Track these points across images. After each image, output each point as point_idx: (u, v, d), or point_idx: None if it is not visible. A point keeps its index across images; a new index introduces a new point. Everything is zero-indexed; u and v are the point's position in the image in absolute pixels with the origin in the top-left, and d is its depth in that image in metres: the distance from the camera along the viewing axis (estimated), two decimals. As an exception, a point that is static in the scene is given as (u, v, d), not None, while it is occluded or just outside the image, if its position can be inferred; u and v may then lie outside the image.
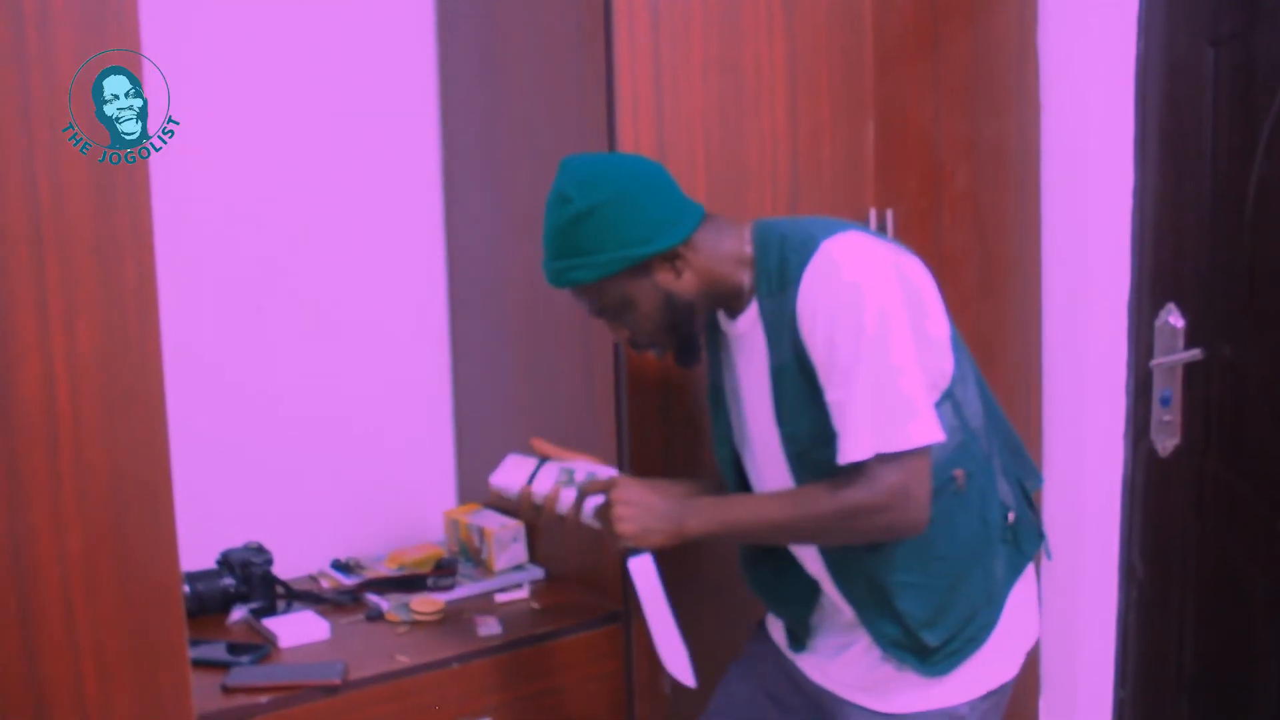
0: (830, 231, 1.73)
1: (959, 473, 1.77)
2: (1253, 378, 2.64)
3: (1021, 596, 1.88)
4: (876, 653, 1.83)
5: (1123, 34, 2.61)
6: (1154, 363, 2.69)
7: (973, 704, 1.83)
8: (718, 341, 1.90)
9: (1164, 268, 2.68)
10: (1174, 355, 2.67)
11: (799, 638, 1.95)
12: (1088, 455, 2.72)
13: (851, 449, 1.68)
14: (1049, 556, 1.97)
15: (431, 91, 2.58)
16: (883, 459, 1.67)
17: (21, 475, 1.62)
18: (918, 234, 2.47)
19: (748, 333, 1.81)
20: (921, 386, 1.70)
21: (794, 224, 1.81)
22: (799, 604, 1.93)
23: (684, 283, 1.79)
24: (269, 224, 2.42)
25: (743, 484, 1.92)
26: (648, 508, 1.79)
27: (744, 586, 2.00)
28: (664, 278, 1.78)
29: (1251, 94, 2.56)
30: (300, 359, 2.48)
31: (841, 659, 1.88)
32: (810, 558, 1.87)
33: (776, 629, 2.01)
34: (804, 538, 1.82)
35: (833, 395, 1.70)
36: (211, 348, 2.36)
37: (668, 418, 2.22)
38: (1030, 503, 1.92)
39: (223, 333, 2.38)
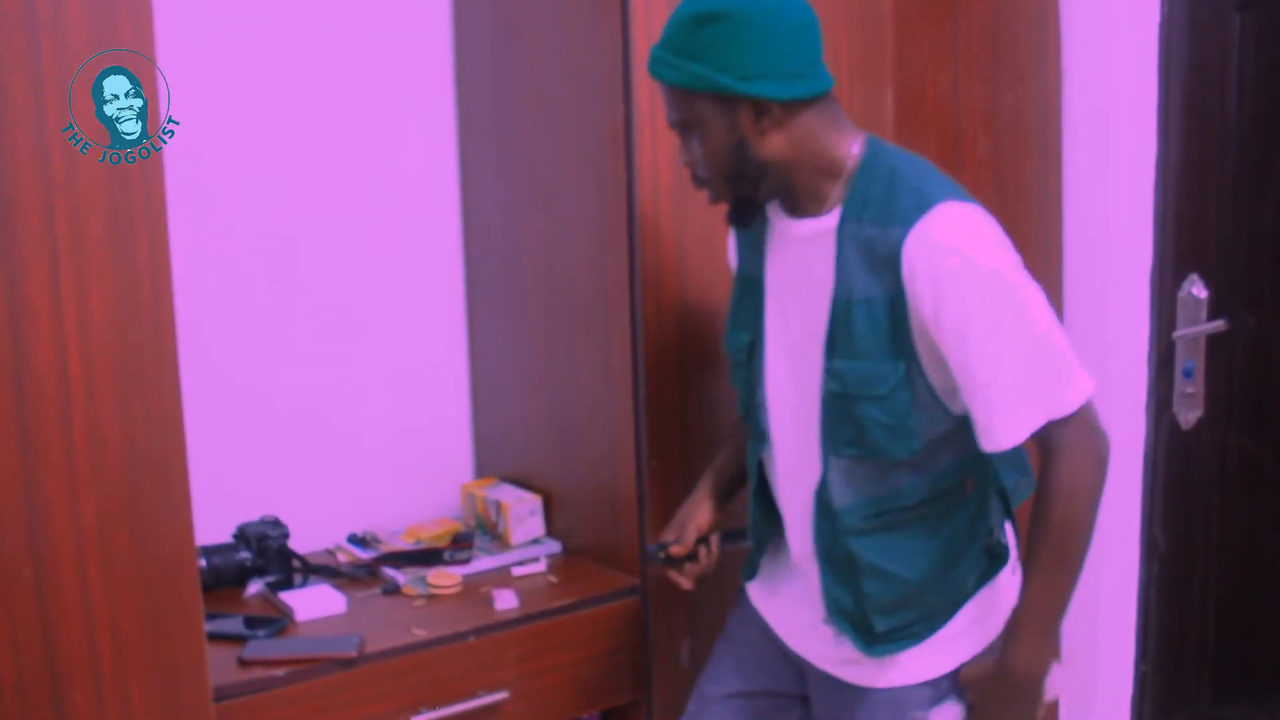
0: (947, 194, 1.64)
1: (969, 481, 1.76)
2: (1277, 349, 2.62)
3: (987, 598, 1.84)
4: (830, 630, 1.83)
5: (1146, -1, 2.57)
6: (1176, 334, 2.66)
7: (935, 681, 1.81)
8: (763, 229, 1.82)
9: (1187, 237, 2.65)
10: (1197, 326, 2.65)
11: (748, 568, 1.98)
12: (1109, 427, 2.68)
13: (1003, 434, 1.64)
14: (1014, 572, 1.90)
15: (446, 63, 2.56)
16: (1058, 425, 1.64)
17: (36, 448, 1.62)
18: (937, 204, 2.44)
19: (811, 242, 1.73)
20: (1066, 340, 1.67)
21: (905, 160, 1.71)
22: (758, 536, 1.95)
23: (766, 143, 1.68)
24: (283, 198, 2.41)
25: (750, 378, 1.86)
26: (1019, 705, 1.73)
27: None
28: (746, 125, 1.67)
29: (1278, 59, 2.53)
30: (316, 333, 2.46)
31: (810, 631, 1.88)
32: (799, 526, 1.84)
33: (754, 591, 2.00)
34: (1082, 548, 1.70)
35: (977, 380, 1.63)
36: (226, 321, 2.35)
37: (686, 389, 2.21)
38: (1012, 519, 1.89)
39: (237, 306, 2.37)
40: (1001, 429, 1.65)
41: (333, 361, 2.49)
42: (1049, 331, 1.66)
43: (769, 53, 1.64)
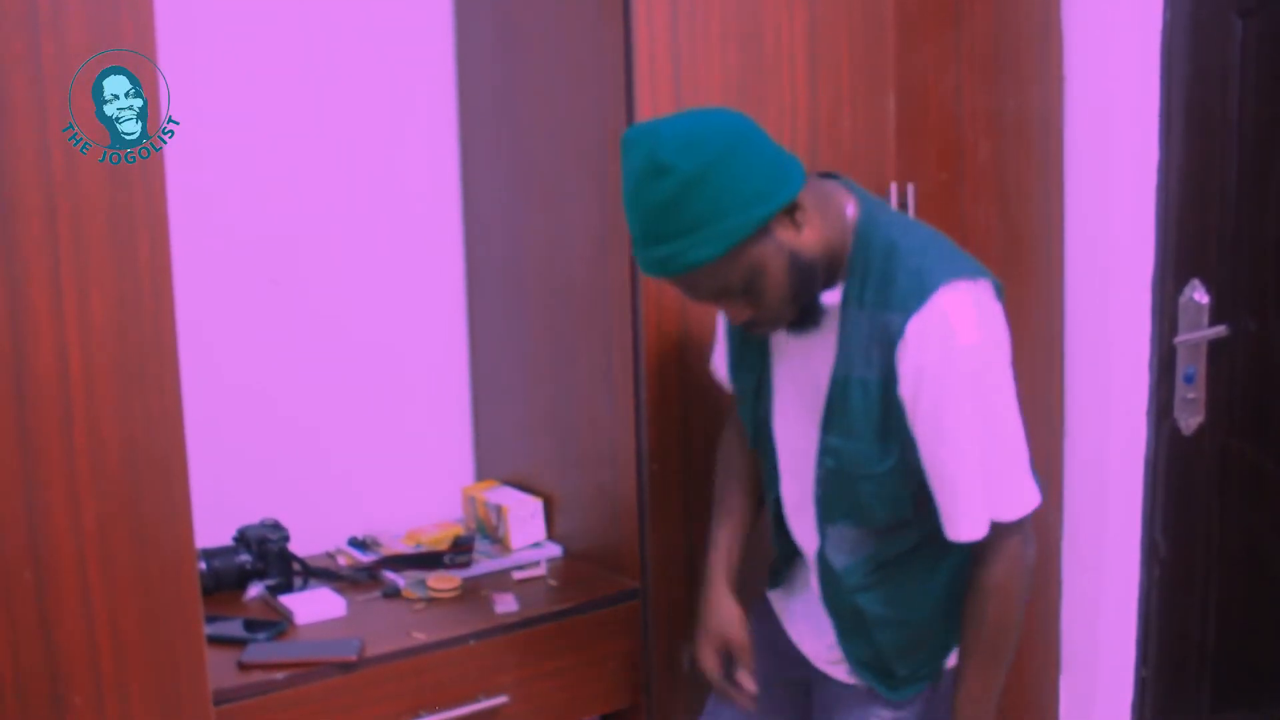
0: (945, 274, 1.63)
1: None
2: (1278, 354, 2.61)
3: None
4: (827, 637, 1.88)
5: (1148, 4, 2.57)
6: (1178, 339, 2.65)
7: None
8: None
9: (1189, 242, 2.64)
10: (1198, 332, 2.64)
11: (774, 579, 2.03)
12: (1110, 433, 2.69)
13: (965, 526, 1.69)
14: None
15: (448, 63, 2.56)
16: (1000, 527, 1.70)
17: (36, 449, 1.61)
18: (939, 208, 2.44)
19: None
20: (1026, 450, 1.70)
21: (902, 230, 1.69)
22: (780, 551, 1.98)
23: (806, 238, 1.63)
24: (283, 199, 2.41)
25: (757, 416, 1.87)
26: None
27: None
28: (786, 235, 1.61)
29: (1279, 64, 2.53)
30: (317, 335, 2.46)
31: (810, 633, 1.93)
32: (808, 568, 1.89)
33: (775, 598, 2.04)
34: (1012, 642, 1.76)
35: (945, 470, 1.67)
36: (227, 323, 2.35)
37: (687, 393, 2.20)
38: None
39: (238, 308, 2.37)
40: (965, 522, 1.69)
41: (333, 363, 2.48)
42: (1015, 435, 1.70)
43: (761, 161, 1.60)
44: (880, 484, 1.72)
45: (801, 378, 1.78)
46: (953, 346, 1.61)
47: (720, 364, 1.98)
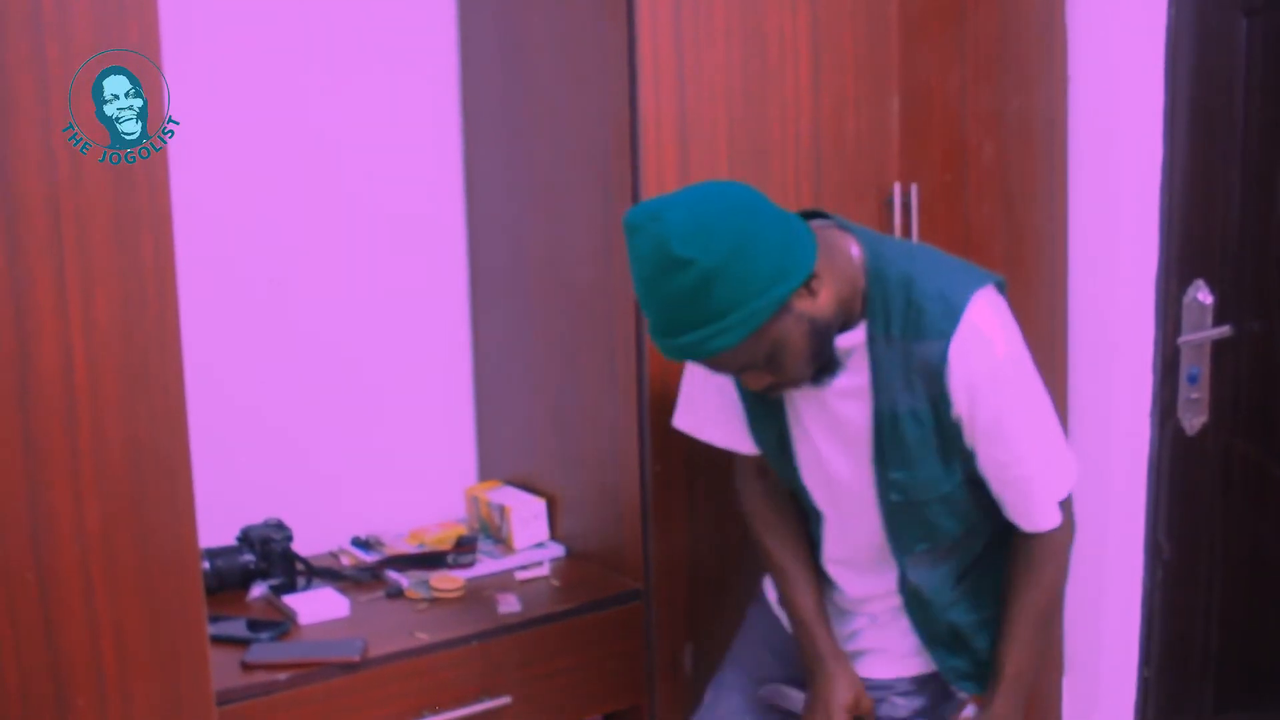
0: (965, 290, 1.66)
1: None
2: (1283, 355, 2.61)
3: None
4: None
5: (1153, 4, 2.56)
6: (1182, 339, 2.65)
7: (915, 678, 1.94)
8: None
9: (1193, 243, 2.64)
10: (1202, 332, 2.64)
11: None
12: (1114, 433, 2.69)
13: (1042, 518, 1.77)
14: None
15: (452, 67, 2.56)
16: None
17: (40, 449, 1.61)
18: (943, 208, 2.44)
19: (843, 356, 1.72)
20: (1059, 424, 1.80)
21: (911, 259, 1.71)
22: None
23: (821, 302, 1.64)
24: (287, 201, 2.41)
25: (784, 465, 1.88)
26: None
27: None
28: (804, 305, 1.61)
29: (1284, 65, 2.52)
30: (322, 336, 2.46)
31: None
32: (889, 610, 1.90)
33: (770, 588, 2.04)
34: (1059, 608, 1.89)
35: (1010, 473, 1.74)
36: (230, 324, 2.35)
37: (689, 394, 2.20)
38: None
39: (242, 308, 2.37)
40: (1039, 515, 1.77)
41: (337, 364, 2.48)
42: (1053, 417, 1.78)
43: (775, 241, 1.58)
44: (949, 502, 1.77)
45: (830, 422, 1.79)
46: (993, 358, 1.67)
47: (683, 419, 1.97)
